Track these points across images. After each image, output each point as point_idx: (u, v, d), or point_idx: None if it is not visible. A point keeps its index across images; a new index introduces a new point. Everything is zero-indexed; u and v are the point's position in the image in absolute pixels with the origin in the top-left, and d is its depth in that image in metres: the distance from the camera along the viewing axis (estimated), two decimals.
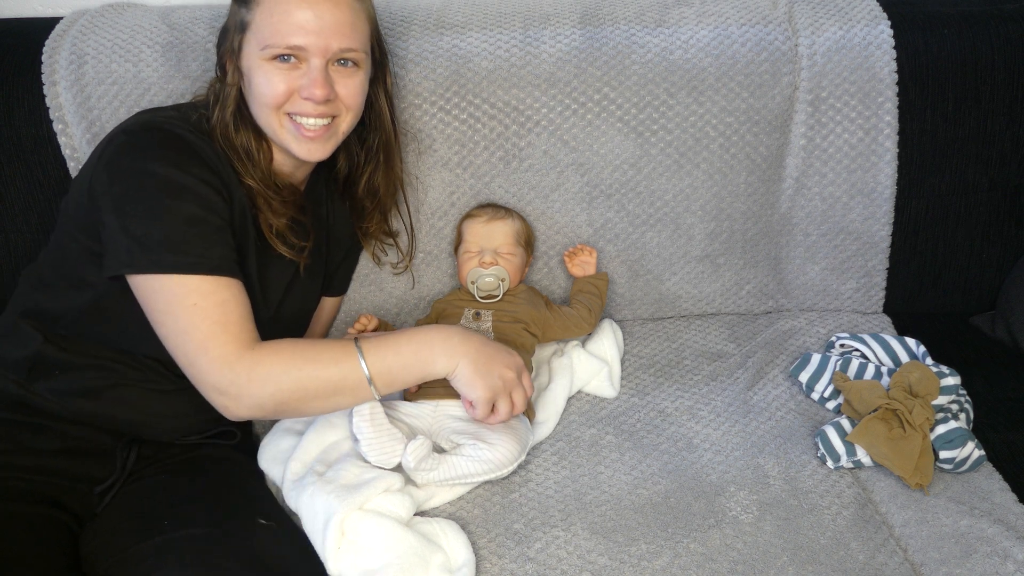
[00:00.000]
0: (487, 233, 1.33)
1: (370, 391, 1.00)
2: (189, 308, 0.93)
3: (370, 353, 0.99)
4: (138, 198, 0.94)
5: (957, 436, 1.10)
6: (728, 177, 1.40)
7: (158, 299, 0.94)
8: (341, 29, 1.02)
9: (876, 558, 1.00)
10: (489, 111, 1.35)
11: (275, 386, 0.95)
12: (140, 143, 0.96)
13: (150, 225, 0.93)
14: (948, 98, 1.38)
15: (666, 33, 1.38)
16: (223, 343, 0.94)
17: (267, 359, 0.95)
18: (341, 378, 0.98)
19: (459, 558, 0.99)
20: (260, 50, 1.00)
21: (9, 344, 1.03)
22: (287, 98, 1.02)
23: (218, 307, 0.94)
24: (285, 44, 1.00)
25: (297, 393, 0.96)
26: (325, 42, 1.01)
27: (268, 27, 1.00)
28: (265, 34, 1.00)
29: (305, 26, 0.99)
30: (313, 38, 1.00)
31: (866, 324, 1.44)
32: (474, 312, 1.29)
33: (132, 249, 0.93)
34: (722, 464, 1.14)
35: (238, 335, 0.95)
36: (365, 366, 0.98)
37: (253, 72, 1.02)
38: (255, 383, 0.94)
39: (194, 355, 0.94)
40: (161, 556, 0.92)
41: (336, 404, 1.02)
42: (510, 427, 1.12)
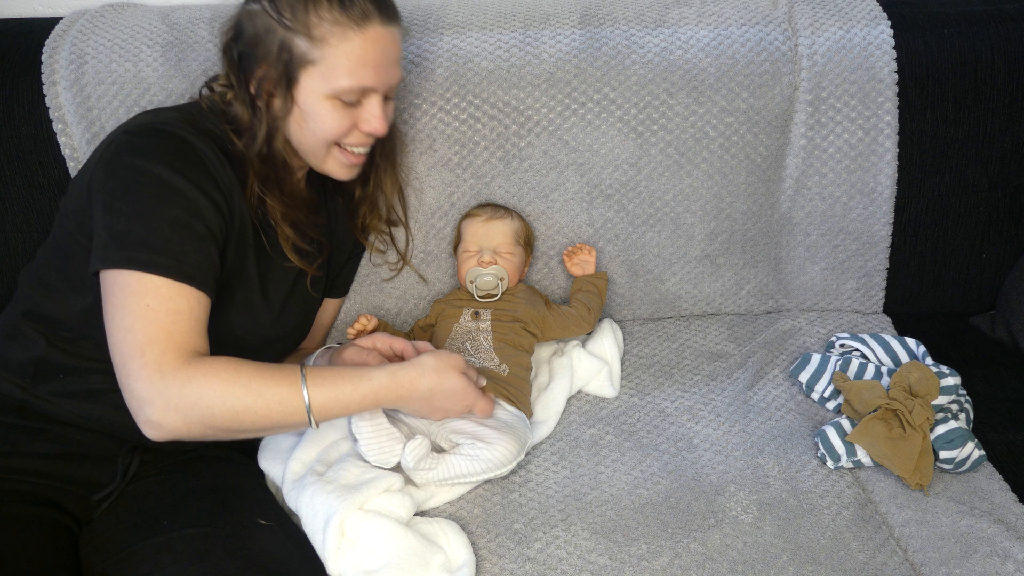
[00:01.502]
0: (486, 232, 1.33)
1: (311, 425, 0.95)
2: (141, 308, 0.90)
3: (314, 390, 0.93)
4: (127, 197, 0.92)
5: (957, 436, 1.10)
6: (728, 177, 1.40)
7: (116, 293, 0.91)
8: (396, 63, 1.06)
9: (876, 558, 1.00)
10: (489, 111, 1.35)
11: (207, 408, 0.89)
12: (140, 144, 0.95)
13: (132, 223, 0.91)
14: (948, 98, 1.38)
15: (666, 33, 1.38)
16: (162, 350, 0.88)
17: (203, 377, 0.89)
18: (281, 412, 0.92)
19: (459, 558, 0.99)
20: (328, 89, 1.00)
21: (13, 347, 1.03)
22: (348, 133, 1.05)
23: (170, 314, 0.90)
24: (360, 87, 1.01)
25: (230, 418, 0.90)
26: (388, 80, 1.04)
27: (342, 69, 0.99)
28: (338, 76, 0.99)
29: (376, 67, 1.01)
30: (382, 77, 1.03)
31: (866, 324, 1.44)
32: (473, 311, 1.29)
33: (108, 244, 0.91)
34: (722, 464, 1.14)
35: (180, 346, 0.89)
36: (306, 393, 0.93)
37: (313, 107, 1.01)
38: (185, 399, 0.88)
39: (129, 356, 0.88)
40: (159, 556, 0.92)
41: (272, 432, 1.00)
42: (509, 426, 1.12)
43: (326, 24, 0.98)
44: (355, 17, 0.98)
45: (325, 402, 0.94)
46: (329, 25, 0.98)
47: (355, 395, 0.97)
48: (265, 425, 0.93)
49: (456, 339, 1.26)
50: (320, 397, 0.94)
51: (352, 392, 0.96)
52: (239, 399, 0.90)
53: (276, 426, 0.94)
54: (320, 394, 0.94)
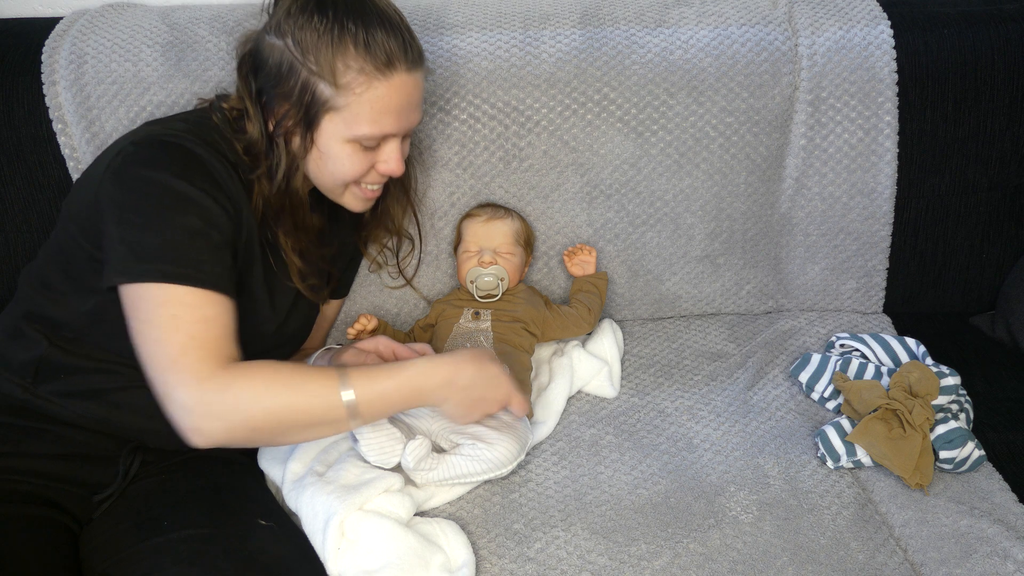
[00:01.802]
0: (486, 233, 1.33)
1: (350, 424, 0.95)
2: (168, 319, 0.89)
3: (356, 386, 0.93)
4: (140, 208, 0.92)
5: (957, 436, 1.10)
6: (728, 177, 1.40)
7: (142, 307, 0.91)
8: (418, 106, 1.06)
9: (876, 558, 1.00)
10: (489, 111, 1.35)
11: (248, 411, 0.89)
12: (148, 155, 0.94)
13: (147, 234, 0.91)
14: (948, 98, 1.38)
15: (666, 33, 1.38)
16: (198, 359, 0.88)
17: (243, 380, 0.89)
18: (323, 411, 0.92)
19: (459, 558, 0.99)
20: (349, 135, 1.00)
21: (14, 347, 1.03)
22: (366, 174, 1.06)
23: (199, 322, 0.90)
24: (381, 134, 1.02)
25: (272, 420, 0.90)
26: (408, 124, 1.05)
27: (365, 118, 0.99)
28: (361, 124, 1.00)
29: (398, 114, 1.02)
30: (403, 123, 1.04)
31: (866, 324, 1.44)
32: (473, 311, 1.29)
33: (127, 258, 0.91)
34: (722, 464, 1.14)
35: (215, 353, 0.90)
36: (349, 399, 0.93)
37: (332, 150, 1.02)
38: (227, 404, 0.88)
39: (164, 368, 0.88)
40: (160, 556, 0.92)
41: (312, 435, 0.98)
42: (509, 426, 1.12)
43: (352, 72, 0.97)
44: (381, 66, 0.98)
45: (367, 397, 0.93)
46: (355, 73, 0.97)
47: (396, 388, 0.96)
48: (306, 425, 0.93)
49: (456, 339, 1.26)
50: (362, 392, 0.93)
51: (393, 386, 0.96)
52: (279, 400, 0.90)
53: (317, 426, 0.94)
54: (361, 389, 0.93)
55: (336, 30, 0.96)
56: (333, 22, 0.96)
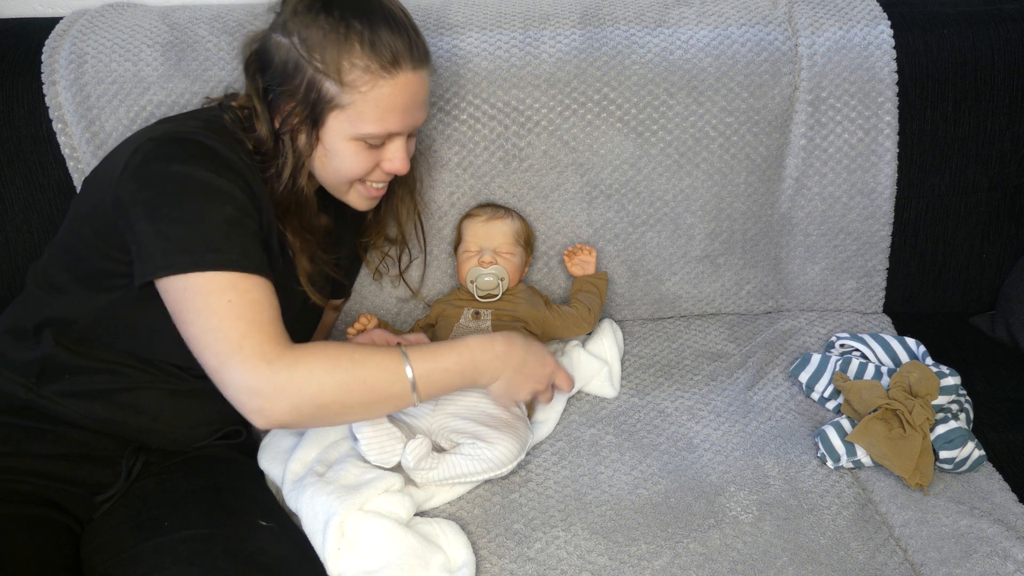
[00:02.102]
0: (486, 232, 1.33)
1: (412, 398, 0.97)
2: (224, 305, 0.89)
3: (416, 362, 0.96)
4: (173, 201, 0.91)
5: (957, 436, 1.10)
6: (728, 177, 1.40)
7: (192, 298, 0.90)
8: (423, 105, 1.06)
9: (876, 558, 1.00)
10: (489, 111, 1.35)
11: (318, 386, 0.90)
12: (170, 150, 0.94)
13: (186, 226, 0.91)
14: (948, 98, 1.38)
15: (666, 33, 1.38)
16: (260, 341, 0.89)
17: (309, 357, 0.91)
18: (387, 384, 0.95)
19: (459, 558, 0.99)
20: (354, 132, 1.01)
21: (18, 347, 1.03)
22: (371, 172, 1.07)
23: (252, 305, 0.91)
24: (386, 133, 1.02)
25: (340, 396, 0.92)
26: (414, 122, 1.06)
27: (370, 116, 1.00)
28: (366, 122, 1.00)
29: (403, 112, 1.02)
30: (408, 122, 1.04)
31: (866, 324, 1.44)
32: (473, 311, 1.29)
33: (168, 251, 0.90)
34: (722, 464, 1.14)
35: (273, 334, 0.91)
36: (412, 374, 0.95)
37: (337, 147, 1.02)
38: (295, 382, 0.89)
39: (228, 354, 0.88)
40: (160, 556, 0.92)
41: (375, 411, 0.99)
42: (510, 426, 1.12)
43: (357, 71, 0.97)
44: (386, 64, 0.98)
45: (428, 372, 0.96)
46: (360, 72, 0.97)
47: (455, 363, 0.99)
48: (370, 401, 0.95)
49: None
50: (422, 367, 0.96)
51: (452, 361, 0.98)
52: (346, 376, 0.92)
53: (380, 402, 0.96)
54: (422, 365, 0.96)
55: (342, 28, 0.96)
56: (339, 21, 0.97)
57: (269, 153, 1.02)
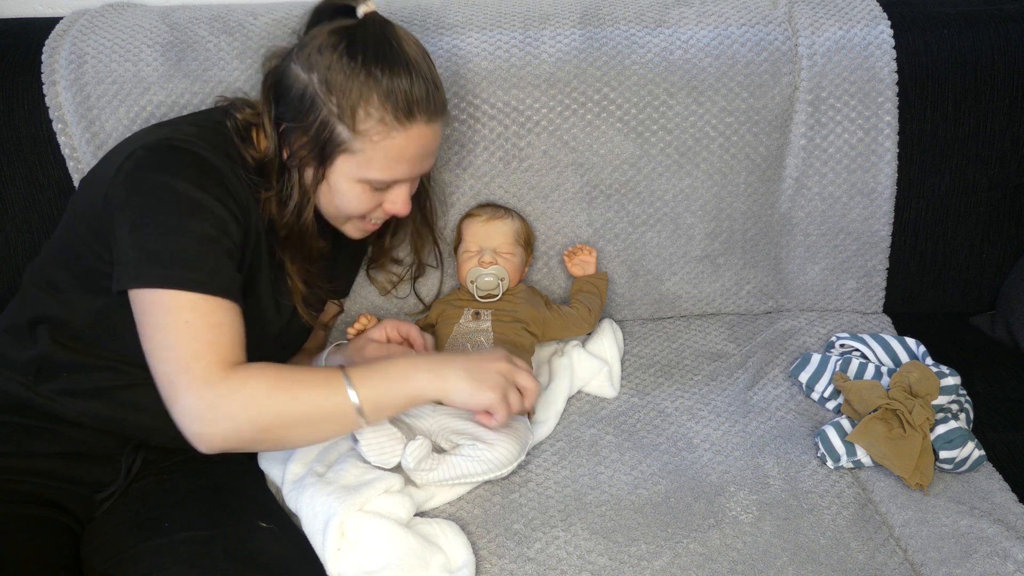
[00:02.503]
0: (486, 233, 1.33)
1: (357, 420, 0.95)
2: (182, 325, 0.90)
3: (358, 380, 0.94)
4: (153, 213, 0.92)
5: (957, 436, 1.10)
6: (728, 177, 1.40)
7: (153, 312, 0.91)
8: (433, 153, 1.08)
9: (876, 558, 1.00)
10: (489, 111, 1.35)
11: (258, 410, 0.90)
12: (161, 160, 0.94)
13: (161, 240, 0.91)
14: (948, 98, 1.38)
15: (666, 33, 1.38)
16: (208, 364, 0.89)
17: (251, 380, 0.90)
18: (330, 406, 0.93)
19: (459, 559, 0.99)
20: (360, 176, 1.01)
21: (16, 345, 1.03)
22: (373, 211, 1.08)
23: (212, 328, 0.91)
24: (392, 180, 1.03)
25: (281, 418, 0.91)
26: (420, 171, 1.07)
27: (378, 164, 1.00)
28: (373, 169, 1.01)
29: (412, 162, 1.03)
30: (415, 170, 1.05)
31: (866, 324, 1.44)
32: (473, 312, 1.29)
33: (141, 263, 0.91)
34: (722, 464, 1.14)
35: (225, 357, 0.90)
36: (354, 394, 0.93)
37: (342, 187, 1.03)
38: (236, 405, 0.89)
39: (175, 374, 0.89)
40: (160, 557, 0.92)
41: (320, 433, 0.98)
42: (510, 426, 1.12)
43: (372, 120, 0.98)
44: (401, 116, 0.98)
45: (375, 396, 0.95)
46: (375, 122, 0.98)
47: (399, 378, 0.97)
48: (312, 422, 0.94)
49: (457, 339, 1.26)
50: (367, 392, 0.94)
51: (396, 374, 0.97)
52: (286, 400, 0.91)
53: (322, 423, 0.95)
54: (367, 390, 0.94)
55: (363, 76, 0.96)
56: (361, 67, 0.96)
57: (271, 176, 1.02)
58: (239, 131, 1.03)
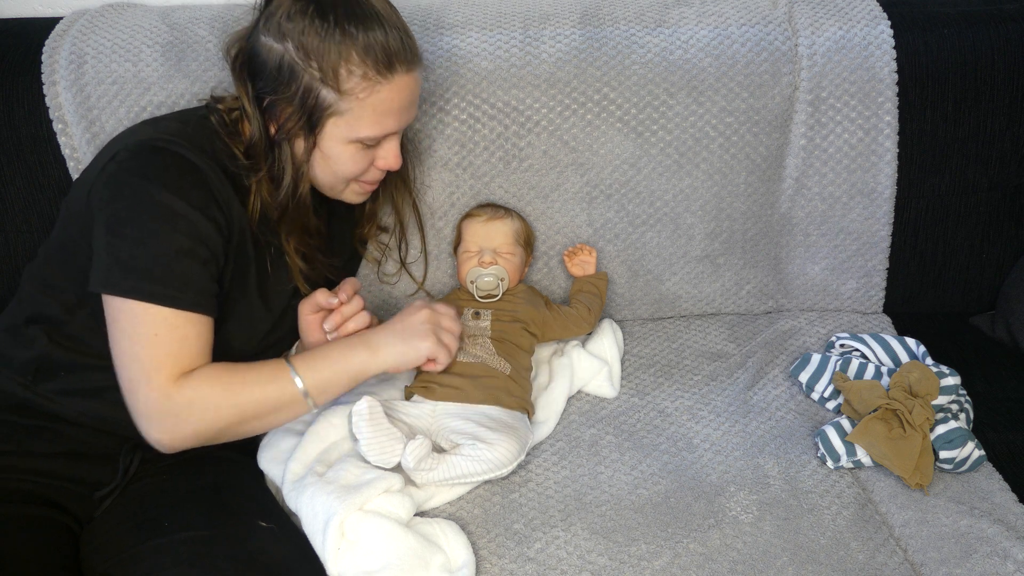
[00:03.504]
0: (486, 233, 1.33)
1: (306, 404, 1.01)
2: (149, 337, 0.93)
3: (301, 366, 1.00)
4: (129, 220, 0.93)
5: (957, 436, 1.10)
6: (728, 177, 1.40)
7: (122, 320, 0.94)
8: (416, 103, 1.08)
9: (876, 558, 1.00)
10: (489, 111, 1.35)
11: (214, 414, 0.95)
12: (142, 163, 0.95)
13: (137, 250, 0.92)
14: (948, 98, 1.38)
15: (666, 33, 1.38)
16: (168, 375, 0.93)
17: (203, 386, 0.95)
18: (278, 395, 0.99)
19: (459, 559, 0.99)
20: (352, 136, 1.02)
21: (15, 346, 1.03)
22: (367, 171, 1.08)
23: (177, 341, 0.94)
24: (383, 135, 1.04)
25: (236, 417, 0.97)
26: (408, 121, 1.08)
27: (368, 120, 1.01)
28: (364, 126, 1.01)
29: (399, 113, 1.04)
30: (403, 121, 1.06)
31: (866, 324, 1.44)
32: (473, 312, 1.29)
33: (113, 269, 0.92)
34: (722, 464, 1.14)
35: (185, 367, 0.94)
36: (299, 380, 0.99)
37: (335, 151, 1.03)
38: (195, 412, 0.94)
39: (137, 382, 0.93)
40: (160, 557, 0.92)
41: (274, 422, 1.02)
42: (509, 427, 1.12)
43: (355, 78, 0.98)
44: (383, 69, 0.99)
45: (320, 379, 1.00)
46: (359, 80, 0.98)
47: (340, 356, 1.02)
48: (266, 414, 1.00)
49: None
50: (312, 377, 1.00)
51: (336, 354, 1.02)
52: (239, 396, 0.96)
53: (276, 413, 1.00)
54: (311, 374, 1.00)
55: (338, 35, 0.96)
56: (335, 27, 0.96)
57: (261, 157, 1.02)
58: (225, 124, 1.03)
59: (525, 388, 1.22)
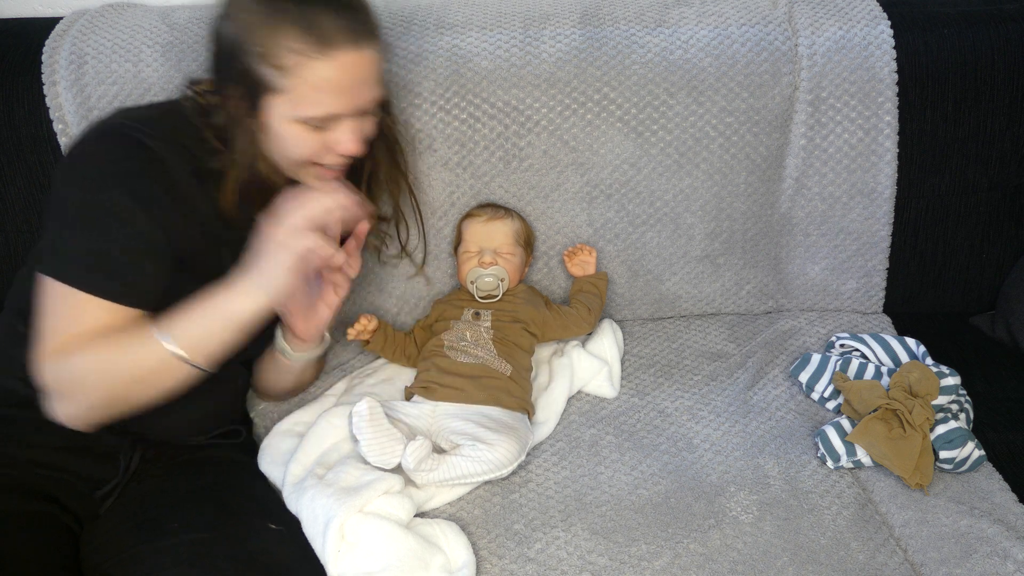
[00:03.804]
0: (486, 233, 1.33)
1: (183, 364, 0.94)
2: (68, 319, 0.93)
3: (169, 325, 0.94)
4: (75, 205, 0.94)
5: (957, 436, 1.10)
6: (728, 177, 1.40)
7: (47, 297, 0.94)
8: (370, 83, 1.01)
9: (876, 558, 1.00)
10: (489, 111, 1.35)
11: (92, 385, 0.93)
12: (100, 150, 0.95)
13: (74, 235, 0.93)
14: (948, 98, 1.38)
15: (666, 33, 1.38)
16: (56, 344, 0.93)
17: (77, 358, 0.92)
18: (147, 358, 0.93)
19: (459, 559, 0.99)
20: (294, 116, 0.97)
21: (15, 344, 1.03)
22: (323, 154, 1.02)
23: (98, 328, 0.93)
24: (326, 115, 0.98)
25: (113, 387, 0.94)
26: (359, 103, 1.00)
27: (308, 99, 0.96)
28: (304, 104, 0.96)
29: (345, 94, 0.98)
30: (351, 103, 0.99)
31: (866, 324, 1.44)
32: (473, 312, 1.29)
33: (47, 251, 0.94)
34: (722, 464, 1.14)
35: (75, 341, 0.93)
36: (167, 340, 0.93)
37: (281, 130, 0.99)
38: (76, 384, 0.93)
39: (40, 356, 0.94)
40: (160, 557, 0.92)
41: (159, 385, 0.96)
42: (510, 427, 1.12)
43: (292, 54, 0.94)
44: (321, 45, 0.94)
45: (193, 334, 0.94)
46: (295, 55, 0.94)
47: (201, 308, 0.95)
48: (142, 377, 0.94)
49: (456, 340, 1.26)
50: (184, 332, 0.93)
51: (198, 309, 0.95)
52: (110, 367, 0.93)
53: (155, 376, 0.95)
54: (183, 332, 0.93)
55: (273, 11, 0.94)
56: (271, 2, 0.95)
57: (227, 139, 1.01)
58: (200, 107, 1.02)
59: (525, 388, 1.22)
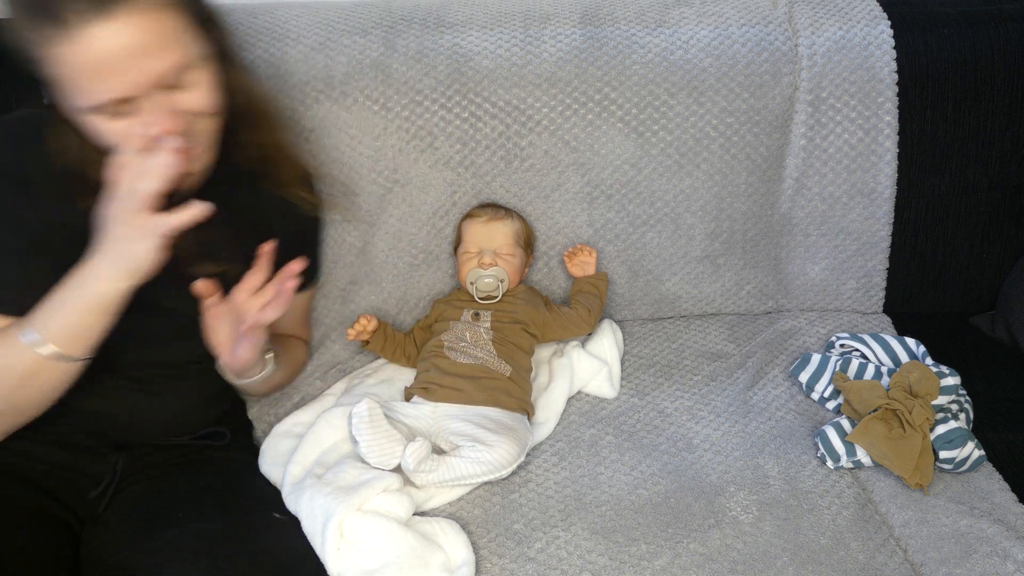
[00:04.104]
0: (486, 233, 1.33)
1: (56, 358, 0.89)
2: None
3: (33, 321, 0.88)
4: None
5: (957, 436, 1.10)
6: (728, 177, 1.40)
7: None
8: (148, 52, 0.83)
9: (876, 558, 1.00)
10: (490, 110, 1.35)
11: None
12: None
13: None
14: (948, 98, 1.38)
15: (666, 33, 1.38)
16: None
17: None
18: (20, 358, 0.88)
19: (459, 558, 0.99)
20: (78, 106, 0.86)
21: None
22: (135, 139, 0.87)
23: None
24: (96, 103, 0.84)
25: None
26: (139, 78, 0.84)
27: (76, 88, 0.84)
28: (77, 96, 0.84)
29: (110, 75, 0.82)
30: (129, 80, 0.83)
31: (866, 324, 1.44)
32: (473, 312, 1.29)
33: None
34: (722, 464, 1.14)
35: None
36: (32, 334, 0.87)
37: (83, 125, 0.88)
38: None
39: None
40: (161, 554, 0.92)
41: (37, 386, 0.91)
42: (510, 428, 1.12)
43: (35, 44, 0.83)
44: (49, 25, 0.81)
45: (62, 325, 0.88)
46: (38, 44, 0.82)
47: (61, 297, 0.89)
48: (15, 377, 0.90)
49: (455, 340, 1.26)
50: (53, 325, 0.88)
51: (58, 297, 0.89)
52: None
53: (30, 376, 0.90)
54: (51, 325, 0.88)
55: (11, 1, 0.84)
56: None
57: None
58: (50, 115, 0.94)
59: (525, 389, 1.22)
